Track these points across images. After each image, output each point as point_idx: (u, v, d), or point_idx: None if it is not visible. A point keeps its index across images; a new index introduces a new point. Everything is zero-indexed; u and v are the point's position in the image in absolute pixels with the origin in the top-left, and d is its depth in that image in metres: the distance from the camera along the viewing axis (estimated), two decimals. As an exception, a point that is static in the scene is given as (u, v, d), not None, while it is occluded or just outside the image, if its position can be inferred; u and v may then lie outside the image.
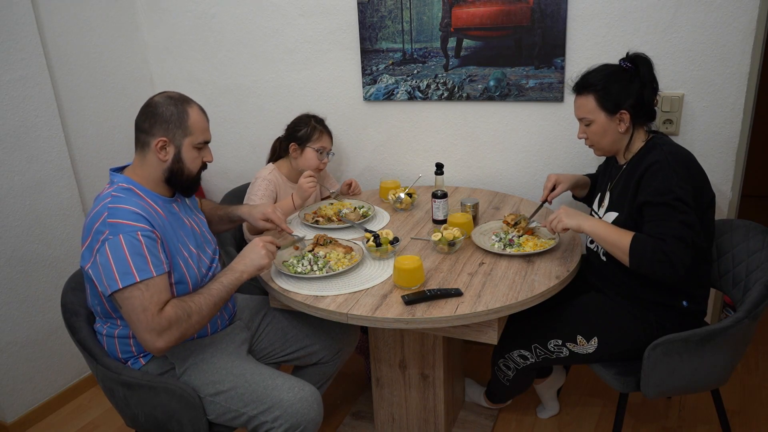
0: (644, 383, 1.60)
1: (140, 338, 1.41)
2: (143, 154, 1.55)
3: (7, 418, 2.26)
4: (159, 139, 1.51)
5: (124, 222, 1.42)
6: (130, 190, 1.51)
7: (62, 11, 2.35)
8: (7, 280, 2.19)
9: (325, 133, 2.26)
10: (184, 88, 2.80)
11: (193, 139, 1.55)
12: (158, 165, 1.54)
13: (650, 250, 1.51)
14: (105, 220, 1.42)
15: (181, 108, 1.54)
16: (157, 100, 1.54)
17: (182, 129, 1.53)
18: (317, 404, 1.56)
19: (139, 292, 1.39)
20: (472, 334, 1.60)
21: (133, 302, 1.39)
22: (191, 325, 1.45)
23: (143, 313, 1.38)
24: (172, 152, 1.54)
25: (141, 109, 1.55)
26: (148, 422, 1.57)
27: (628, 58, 1.70)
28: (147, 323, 1.38)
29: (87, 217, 1.47)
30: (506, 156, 2.39)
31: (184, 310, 1.43)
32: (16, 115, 2.16)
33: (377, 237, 1.80)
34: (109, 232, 1.40)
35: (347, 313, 1.53)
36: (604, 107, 1.68)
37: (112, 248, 1.39)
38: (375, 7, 2.34)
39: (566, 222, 1.68)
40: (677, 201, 1.52)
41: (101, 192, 1.53)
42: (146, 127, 1.53)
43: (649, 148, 1.68)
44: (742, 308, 1.55)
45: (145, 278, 1.39)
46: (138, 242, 1.41)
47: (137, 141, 1.55)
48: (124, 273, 1.38)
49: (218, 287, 1.53)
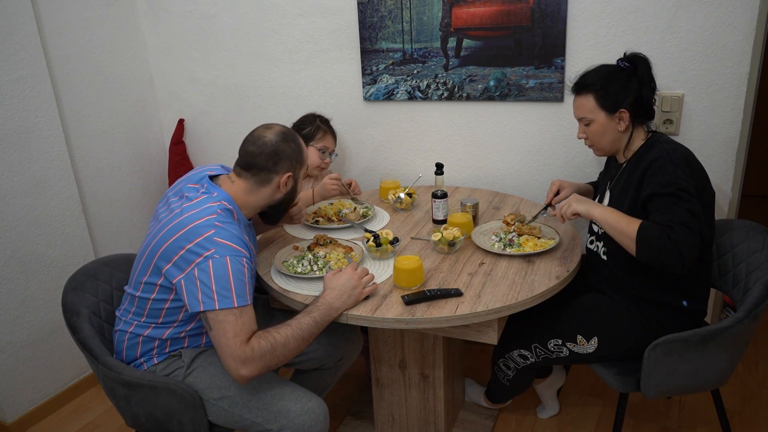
0: (644, 383, 1.60)
1: (225, 364, 1.41)
2: (258, 187, 1.58)
3: (7, 418, 2.26)
4: (286, 175, 1.59)
5: (231, 245, 1.42)
6: (231, 212, 1.53)
7: (62, 11, 2.35)
8: (7, 280, 2.19)
9: (328, 133, 2.28)
10: (184, 88, 2.81)
11: (304, 171, 1.67)
12: (271, 196, 1.61)
13: (657, 237, 1.50)
14: (211, 238, 1.41)
15: (297, 143, 1.62)
16: (273, 140, 1.57)
17: (300, 162, 1.63)
18: (324, 416, 1.54)
19: (233, 317, 1.39)
20: (472, 334, 1.60)
21: (226, 327, 1.38)
22: (275, 357, 1.42)
23: (234, 339, 1.38)
24: (291, 184, 1.63)
25: (257, 147, 1.56)
26: (149, 422, 1.57)
27: (626, 58, 1.71)
28: (234, 350, 1.38)
29: (187, 222, 1.43)
30: (506, 156, 2.39)
31: (268, 342, 1.42)
32: (16, 115, 2.16)
33: (377, 237, 1.80)
34: (215, 251, 1.39)
35: (347, 313, 1.53)
36: (603, 106, 1.69)
37: (216, 268, 1.39)
38: (375, 7, 2.34)
39: (576, 207, 1.68)
40: (682, 191, 1.52)
41: (198, 197, 1.51)
42: (269, 165, 1.57)
43: (649, 146, 1.68)
44: (742, 308, 1.55)
45: (242, 305, 1.40)
46: (242, 267, 1.42)
47: (255, 176, 1.57)
48: (222, 296, 1.38)
49: (309, 322, 1.48)
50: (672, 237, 1.48)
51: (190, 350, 1.61)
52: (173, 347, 1.60)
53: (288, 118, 2.32)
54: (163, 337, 1.58)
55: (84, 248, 2.46)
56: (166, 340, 1.59)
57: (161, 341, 1.58)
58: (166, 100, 2.87)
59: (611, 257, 1.74)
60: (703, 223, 1.53)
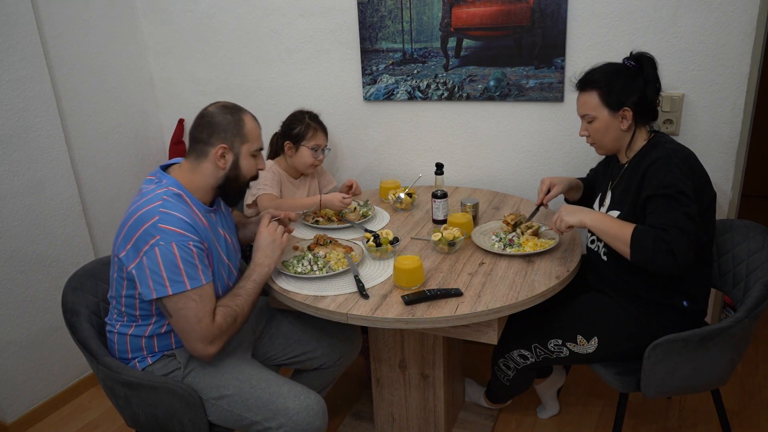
0: (644, 383, 1.60)
1: (190, 347, 1.44)
2: (197, 163, 1.56)
3: (7, 418, 2.26)
4: (219, 146, 1.54)
5: (176, 230, 1.42)
6: (180, 196, 1.52)
7: (62, 11, 2.35)
8: (7, 280, 2.19)
9: (319, 131, 2.24)
10: (184, 88, 2.81)
11: (249, 146, 1.59)
12: (213, 173, 1.57)
13: (651, 240, 1.50)
14: (156, 224, 1.42)
15: (237, 116, 1.57)
16: (212, 110, 1.57)
17: (239, 136, 1.57)
18: (322, 413, 1.55)
19: (193, 303, 1.42)
20: (472, 334, 1.60)
21: (188, 313, 1.42)
22: (235, 327, 1.51)
23: (198, 323, 1.42)
24: (231, 159, 1.57)
25: (195, 120, 1.58)
26: (149, 422, 1.57)
27: (632, 57, 1.69)
28: (201, 332, 1.43)
29: (134, 212, 1.45)
30: (506, 156, 2.39)
31: (230, 315, 1.48)
32: (16, 115, 2.16)
33: (377, 237, 1.80)
34: (160, 238, 1.41)
35: (347, 313, 1.53)
36: (607, 104, 1.68)
37: (163, 254, 1.40)
38: (375, 7, 2.34)
39: (567, 220, 1.68)
40: (680, 194, 1.52)
41: (148, 187, 1.53)
42: (204, 136, 1.55)
43: (651, 146, 1.68)
44: (743, 308, 1.55)
45: (196, 286, 1.42)
46: (190, 251, 1.43)
47: (192, 151, 1.58)
48: (174, 280, 1.40)
49: (252, 285, 1.57)
50: (666, 239, 1.48)
51: (183, 350, 1.60)
52: (162, 345, 1.60)
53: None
54: (147, 334, 1.57)
55: (84, 248, 2.46)
56: (152, 338, 1.58)
57: (147, 339, 1.58)
58: (166, 100, 2.87)
59: (611, 257, 1.74)
60: (699, 226, 1.53)
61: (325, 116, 2.60)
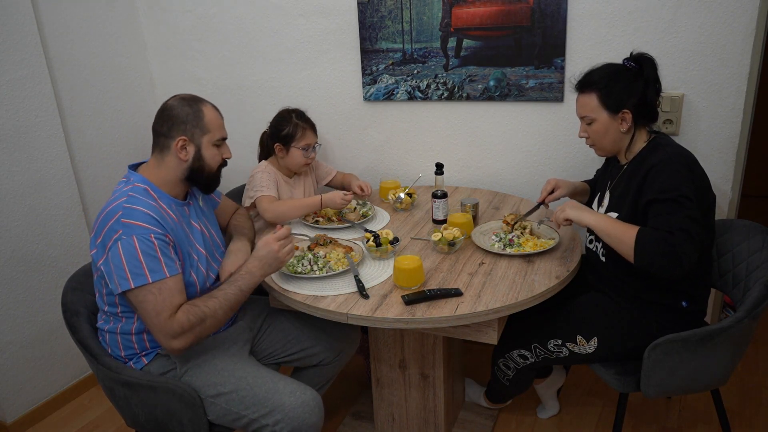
0: (644, 383, 1.60)
1: (156, 338, 1.45)
2: (161, 157, 1.58)
3: (7, 418, 2.26)
4: (179, 138, 1.55)
5: (137, 223, 1.44)
6: (146, 191, 1.54)
7: (62, 11, 2.35)
8: (7, 280, 2.19)
9: (308, 129, 2.21)
10: (184, 88, 2.80)
11: (210, 136, 1.59)
12: (178, 166, 1.58)
13: (656, 243, 1.49)
14: (119, 219, 1.44)
15: (195, 107, 1.58)
16: (170, 103, 1.59)
17: (199, 128, 1.58)
18: (318, 408, 1.56)
19: (152, 296, 1.42)
20: (472, 334, 1.60)
21: (146, 306, 1.42)
22: (205, 329, 1.48)
23: (156, 317, 1.42)
24: (192, 151, 1.58)
25: (156, 114, 1.60)
26: (149, 422, 1.57)
27: (632, 58, 1.68)
28: (160, 326, 1.42)
29: (102, 211, 1.49)
30: (506, 156, 2.39)
31: (196, 315, 1.45)
32: (16, 115, 2.16)
33: (377, 237, 1.80)
34: (122, 232, 1.42)
35: (347, 313, 1.53)
36: (606, 106, 1.67)
37: (125, 248, 1.41)
38: (375, 7, 2.34)
39: (568, 212, 1.68)
40: (683, 197, 1.51)
41: (118, 187, 1.56)
42: (164, 130, 1.57)
43: (651, 148, 1.67)
44: (742, 308, 1.55)
45: (158, 279, 1.42)
46: (151, 244, 1.44)
47: (155, 144, 1.59)
48: (136, 274, 1.41)
49: (234, 291, 1.53)
50: (671, 242, 1.47)
51: None
52: (152, 340, 1.60)
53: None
54: (134, 330, 1.58)
55: (84, 248, 2.46)
56: (141, 334, 1.58)
57: (137, 336, 1.58)
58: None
59: (610, 258, 1.74)
60: (702, 228, 1.53)
61: (325, 116, 2.61)
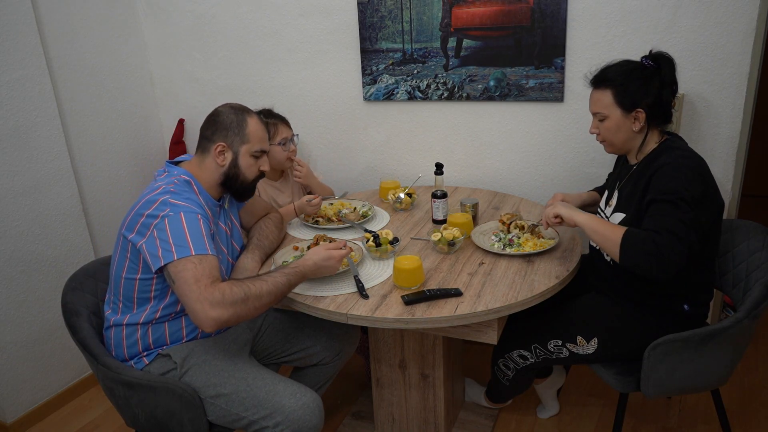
0: (644, 383, 1.60)
1: (191, 310, 1.38)
2: (202, 158, 1.64)
3: (7, 418, 2.26)
4: (218, 143, 1.61)
5: (186, 204, 1.50)
6: (189, 183, 1.60)
7: (62, 11, 2.35)
8: (7, 280, 2.19)
9: (279, 124, 2.20)
10: (184, 88, 2.81)
11: (249, 146, 1.64)
12: (216, 169, 1.63)
13: (641, 242, 1.48)
14: (167, 200, 1.49)
15: (241, 117, 1.64)
16: (220, 110, 1.66)
17: (240, 136, 1.63)
18: (318, 410, 1.56)
19: (192, 265, 1.41)
20: (472, 334, 1.60)
21: (186, 274, 1.40)
22: (246, 309, 1.42)
23: (195, 284, 1.38)
24: (230, 158, 1.63)
25: (207, 117, 1.67)
26: (149, 422, 1.57)
27: (650, 56, 1.65)
28: (199, 293, 1.37)
29: (143, 196, 1.52)
30: (506, 156, 2.39)
31: (241, 289, 1.41)
32: (16, 115, 2.16)
33: (377, 237, 1.80)
34: (170, 210, 1.47)
35: (347, 313, 1.53)
36: (620, 104, 1.64)
37: (171, 224, 1.45)
38: (375, 7, 2.34)
39: (560, 209, 1.67)
40: (681, 201, 1.50)
41: (158, 176, 1.61)
42: (208, 133, 1.63)
43: (662, 150, 1.64)
44: (742, 308, 1.55)
45: (200, 253, 1.43)
46: (198, 223, 1.48)
47: (199, 146, 1.66)
48: (180, 246, 1.43)
49: (284, 282, 1.51)
50: (656, 242, 1.46)
51: (176, 348, 1.60)
52: (156, 337, 1.60)
53: (288, 118, 2.31)
54: (141, 321, 1.58)
55: (84, 248, 2.46)
56: (147, 327, 1.58)
57: (143, 328, 1.58)
58: (166, 100, 2.87)
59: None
60: (696, 233, 1.50)
61: (325, 116, 2.61)
